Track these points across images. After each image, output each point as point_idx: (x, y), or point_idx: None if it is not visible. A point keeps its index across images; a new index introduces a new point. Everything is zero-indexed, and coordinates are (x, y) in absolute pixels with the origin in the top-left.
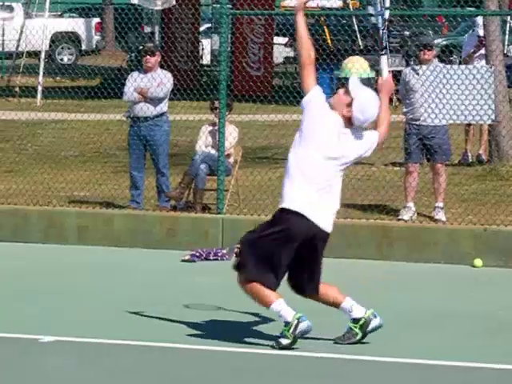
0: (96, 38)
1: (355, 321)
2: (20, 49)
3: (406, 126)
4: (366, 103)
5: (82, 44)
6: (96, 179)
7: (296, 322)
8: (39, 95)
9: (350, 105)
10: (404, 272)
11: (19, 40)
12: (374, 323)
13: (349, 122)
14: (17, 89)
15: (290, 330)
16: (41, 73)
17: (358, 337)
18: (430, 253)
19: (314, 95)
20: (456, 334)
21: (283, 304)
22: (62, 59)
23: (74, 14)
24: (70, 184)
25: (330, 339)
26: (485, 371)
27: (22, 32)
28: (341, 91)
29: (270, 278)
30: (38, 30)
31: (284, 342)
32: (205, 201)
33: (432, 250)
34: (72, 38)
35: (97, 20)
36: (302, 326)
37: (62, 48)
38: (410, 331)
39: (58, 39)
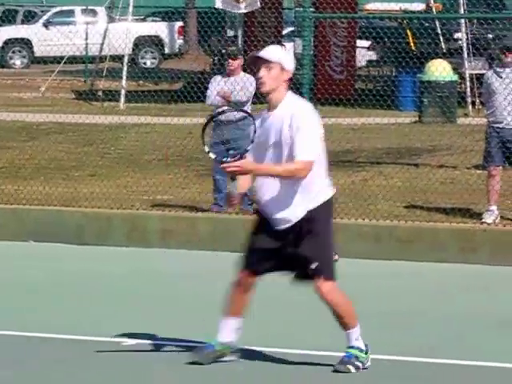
0: (179, 41)
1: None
2: (103, 53)
3: (488, 129)
4: None
5: (165, 48)
6: (179, 183)
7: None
8: (122, 99)
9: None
10: (487, 275)
11: (102, 44)
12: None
13: None
14: (100, 93)
15: (365, 360)
16: (124, 77)
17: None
18: None
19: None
20: None
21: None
22: (144, 63)
23: (157, 18)
24: (153, 187)
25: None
26: None
27: (105, 36)
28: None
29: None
30: (121, 34)
31: (357, 365)
32: None
33: None
34: (155, 42)
35: (180, 24)
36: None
37: (145, 52)
38: (492, 334)
39: (140, 43)
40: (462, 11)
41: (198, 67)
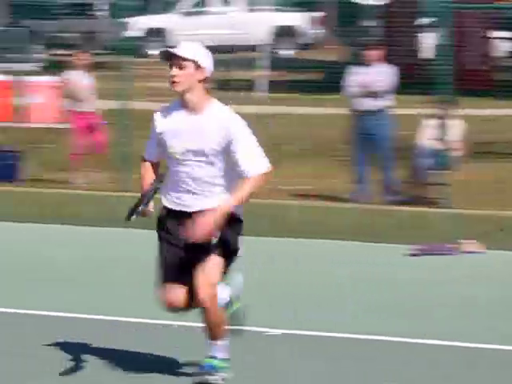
0: (314, 31)
1: None
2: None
3: None
4: None
5: (300, 38)
6: (320, 173)
7: None
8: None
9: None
10: None
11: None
12: None
13: None
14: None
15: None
16: (264, 67)
17: None
18: None
19: None
20: None
21: None
22: (277, 53)
23: (296, 8)
24: (295, 178)
25: None
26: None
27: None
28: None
29: None
30: (262, 24)
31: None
32: (430, 195)
33: None
34: (291, 32)
35: (317, 14)
36: None
37: (282, 42)
38: None
39: (278, 33)
40: None
41: (336, 58)
